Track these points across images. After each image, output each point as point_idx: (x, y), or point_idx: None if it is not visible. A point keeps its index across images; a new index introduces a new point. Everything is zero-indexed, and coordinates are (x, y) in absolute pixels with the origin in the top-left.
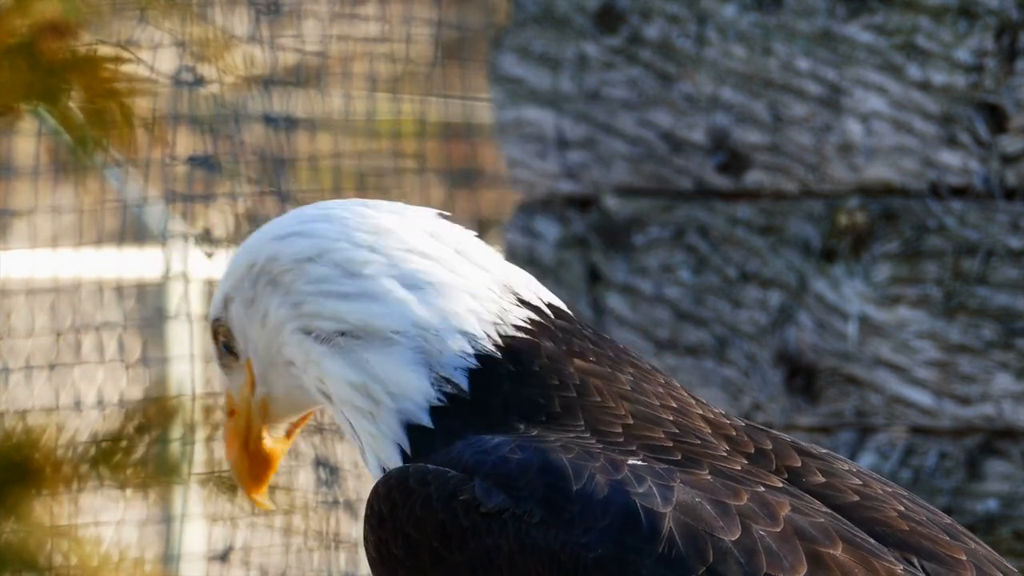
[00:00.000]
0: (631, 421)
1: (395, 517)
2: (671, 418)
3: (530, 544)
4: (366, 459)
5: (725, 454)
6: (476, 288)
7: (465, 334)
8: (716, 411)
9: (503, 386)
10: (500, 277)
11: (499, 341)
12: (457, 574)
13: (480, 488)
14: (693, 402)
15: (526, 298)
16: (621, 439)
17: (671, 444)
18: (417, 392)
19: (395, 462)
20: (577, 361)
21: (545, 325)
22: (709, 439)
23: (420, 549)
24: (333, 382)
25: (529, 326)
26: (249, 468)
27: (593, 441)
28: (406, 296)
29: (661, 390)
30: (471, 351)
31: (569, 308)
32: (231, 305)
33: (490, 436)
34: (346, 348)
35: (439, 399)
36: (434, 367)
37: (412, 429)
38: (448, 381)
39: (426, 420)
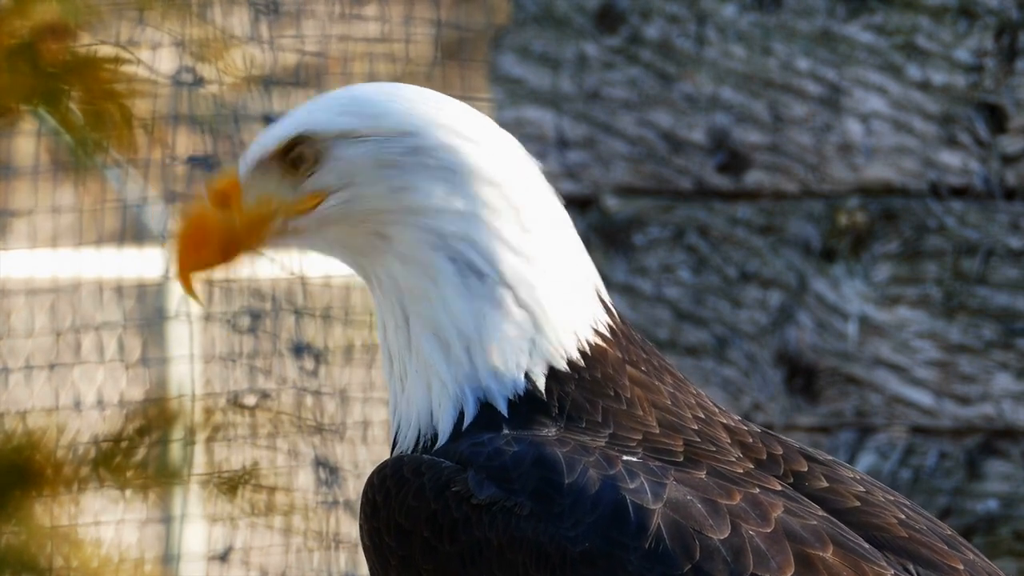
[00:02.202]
0: (656, 431)
1: (388, 506)
2: (695, 427)
3: (519, 537)
4: (401, 383)
5: (734, 459)
6: (583, 283)
7: (571, 333)
8: (736, 418)
9: (565, 390)
10: (591, 273)
11: (585, 347)
12: (447, 565)
13: (473, 480)
14: (717, 411)
15: (602, 296)
16: (633, 443)
17: (680, 447)
18: (507, 376)
19: (445, 424)
20: (630, 370)
21: (615, 331)
22: (725, 446)
23: (412, 539)
24: (442, 308)
25: (607, 332)
26: (204, 257)
27: (602, 442)
28: (558, 275)
29: (692, 400)
30: (563, 354)
31: None
32: (345, 142)
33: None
34: (475, 290)
35: (517, 395)
36: (532, 357)
37: (484, 406)
38: (528, 377)
39: (503, 407)
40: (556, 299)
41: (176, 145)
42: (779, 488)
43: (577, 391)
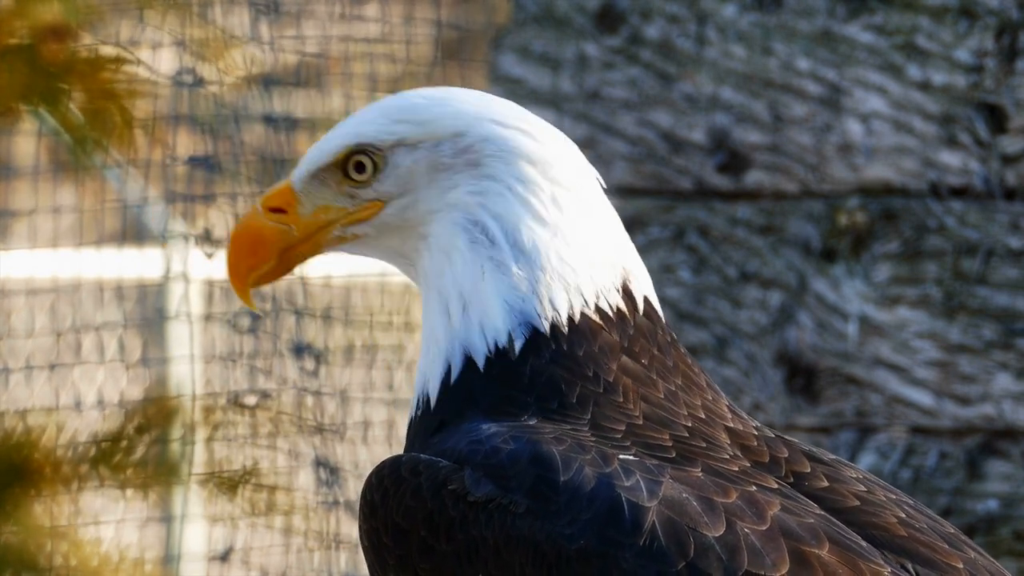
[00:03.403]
0: (640, 422)
1: (386, 506)
2: (688, 424)
3: (515, 535)
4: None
5: (728, 457)
6: (603, 263)
7: (564, 300)
8: (750, 424)
9: (540, 360)
10: (623, 256)
11: (576, 316)
12: (444, 564)
13: (470, 478)
14: (729, 416)
15: (631, 287)
16: (619, 435)
17: (670, 444)
18: (490, 331)
19: (434, 382)
20: (624, 359)
21: (625, 317)
22: (718, 444)
23: (409, 538)
24: (450, 274)
25: (609, 313)
26: (261, 265)
27: (588, 434)
28: (570, 248)
29: (698, 402)
30: (548, 316)
31: None
32: (402, 149)
33: (487, 424)
34: (482, 252)
35: (490, 353)
36: (518, 315)
37: (467, 361)
38: (510, 336)
39: (481, 361)
40: (560, 266)
41: (176, 145)
42: (775, 486)
43: (552, 364)
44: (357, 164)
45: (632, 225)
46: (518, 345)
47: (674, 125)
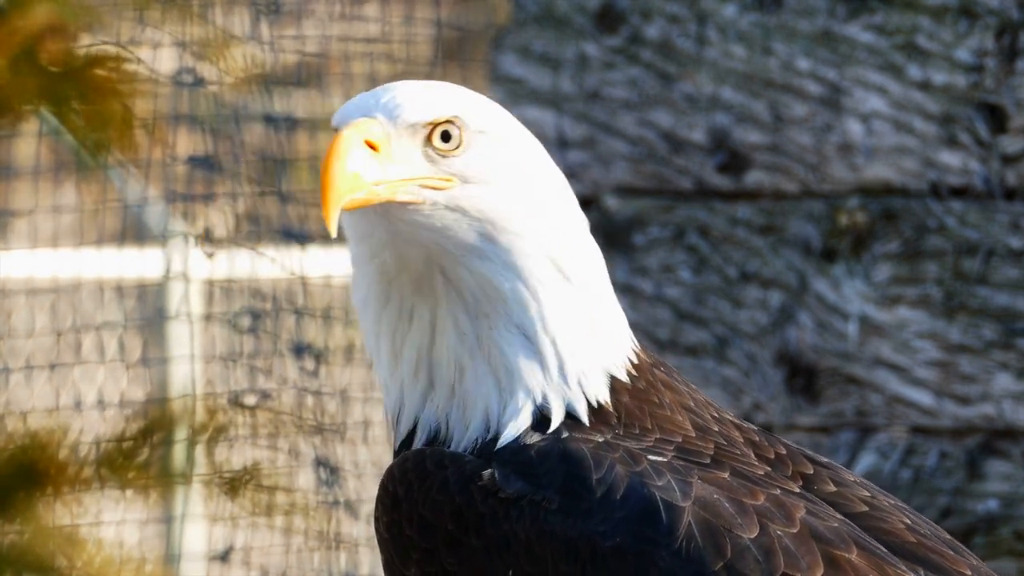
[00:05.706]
0: (693, 435)
1: (410, 499)
2: (716, 428)
3: (548, 531)
4: (451, 388)
5: (755, 462)
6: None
7: (626, 337)
8: (731, 415)
9: (623, 399)
10: None
11: (632, 355)
12: (473, 558)
13: (500, 474)
14: (717, 408)
15: None
16: (670, 448)
17: (711, 450)
18: (589, 384)
19: (519, 422)
20: (658, 372)
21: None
22: (745, 449)
23: (435, 532)
24: (539, 316)
25: (632, 334)
26: (352, 192)
27: (631, 443)
28: (608, 285)
29: (701, 398)
30: (623, 362)
31: None
32: (485, 139)
33: None
34: (569, 299)
35: (591, 408)
36: (605, 365)
37: (567, 415)
38: (604, 384)
39: (583, 414)
40: (613, 307)
41: (176, 145)
42: (797, 490)
43: (631, 400)
44: (444, 133)
45: (632, 225)
46: (607, 396)
47: (674, 125)
